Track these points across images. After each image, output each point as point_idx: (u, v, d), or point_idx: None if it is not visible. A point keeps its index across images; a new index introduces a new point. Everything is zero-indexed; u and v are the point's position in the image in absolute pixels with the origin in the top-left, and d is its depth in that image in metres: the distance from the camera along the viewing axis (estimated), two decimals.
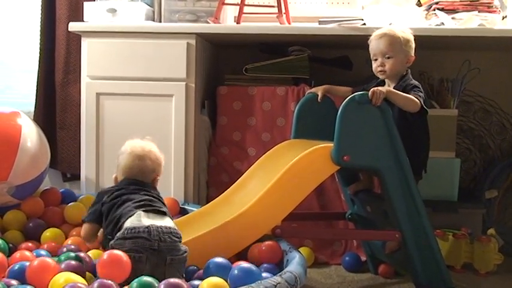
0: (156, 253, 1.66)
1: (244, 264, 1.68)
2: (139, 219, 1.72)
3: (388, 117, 1.97)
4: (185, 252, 1.72)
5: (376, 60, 2.15)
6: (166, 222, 1.75)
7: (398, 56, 2.12)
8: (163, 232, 1.68)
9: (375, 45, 2.15)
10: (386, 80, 2.19)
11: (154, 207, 1.78)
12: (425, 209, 2.02)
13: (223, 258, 1.74)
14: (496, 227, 2.52)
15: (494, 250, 2.38)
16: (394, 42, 2.12)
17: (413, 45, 2.16)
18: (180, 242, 1.73)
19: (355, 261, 2.40)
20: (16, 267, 1.67)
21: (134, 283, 1.49)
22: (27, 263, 1.66)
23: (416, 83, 2.12)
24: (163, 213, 1.79)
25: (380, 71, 2.15)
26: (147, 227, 1.68)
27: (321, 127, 2.20)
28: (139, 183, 1.90)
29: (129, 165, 1.94)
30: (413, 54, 2.16)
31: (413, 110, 2.03)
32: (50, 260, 1.67)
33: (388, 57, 2.12)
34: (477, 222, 2.60)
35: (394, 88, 2.11)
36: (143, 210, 1.75)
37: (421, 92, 2.08)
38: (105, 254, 1.62)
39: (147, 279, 1.50)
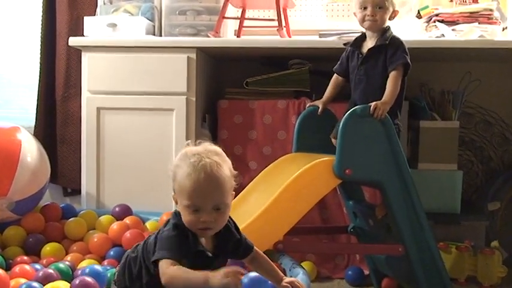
0: None
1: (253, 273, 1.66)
2: None
3: (390, 130, 1.96)
4: None
5: (365, 8, 2.09)
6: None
7: (388, 8, 2.09)
8: None
9: None
10: (367, 33, 2.14)
11: None
12: (428, 221, 2.01)
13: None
14: (499, 239, 2.50)
15: (498, 263, 2.36)
16: None
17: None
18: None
19: (358, 275, 2.38)
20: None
21: None
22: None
23: (401, 40, 2.08)
24: None
25: (370, 20, 2.08)
26: None
27: (322, 140, 2.18)
28: None
29: None
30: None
31: None
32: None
33: (380, 8, 2.08)
34: (480, 234, 2.59)
35: (376, 43, 2.09)
36: None
37: (406, 54, 2.05)
38: None
39: None
